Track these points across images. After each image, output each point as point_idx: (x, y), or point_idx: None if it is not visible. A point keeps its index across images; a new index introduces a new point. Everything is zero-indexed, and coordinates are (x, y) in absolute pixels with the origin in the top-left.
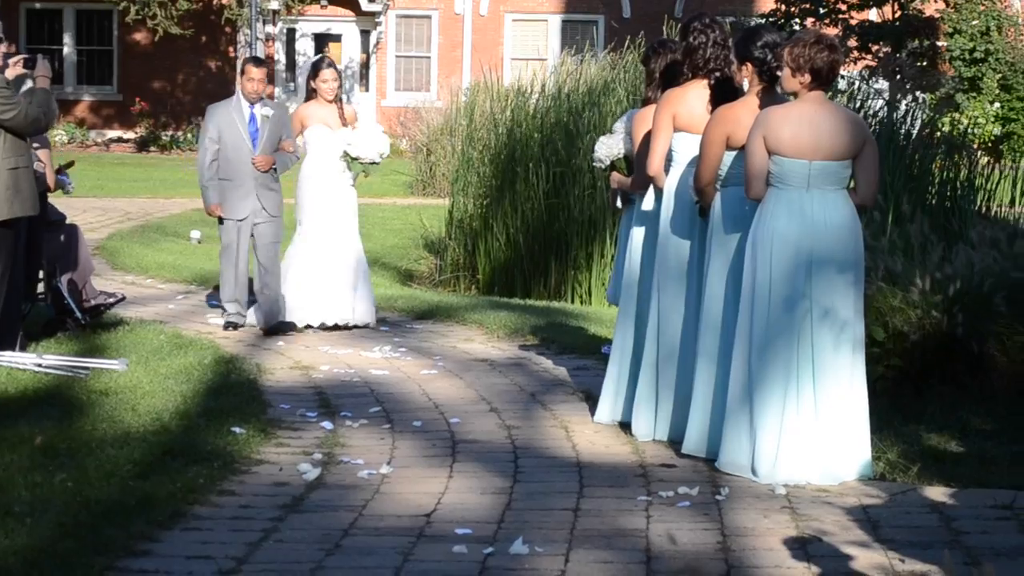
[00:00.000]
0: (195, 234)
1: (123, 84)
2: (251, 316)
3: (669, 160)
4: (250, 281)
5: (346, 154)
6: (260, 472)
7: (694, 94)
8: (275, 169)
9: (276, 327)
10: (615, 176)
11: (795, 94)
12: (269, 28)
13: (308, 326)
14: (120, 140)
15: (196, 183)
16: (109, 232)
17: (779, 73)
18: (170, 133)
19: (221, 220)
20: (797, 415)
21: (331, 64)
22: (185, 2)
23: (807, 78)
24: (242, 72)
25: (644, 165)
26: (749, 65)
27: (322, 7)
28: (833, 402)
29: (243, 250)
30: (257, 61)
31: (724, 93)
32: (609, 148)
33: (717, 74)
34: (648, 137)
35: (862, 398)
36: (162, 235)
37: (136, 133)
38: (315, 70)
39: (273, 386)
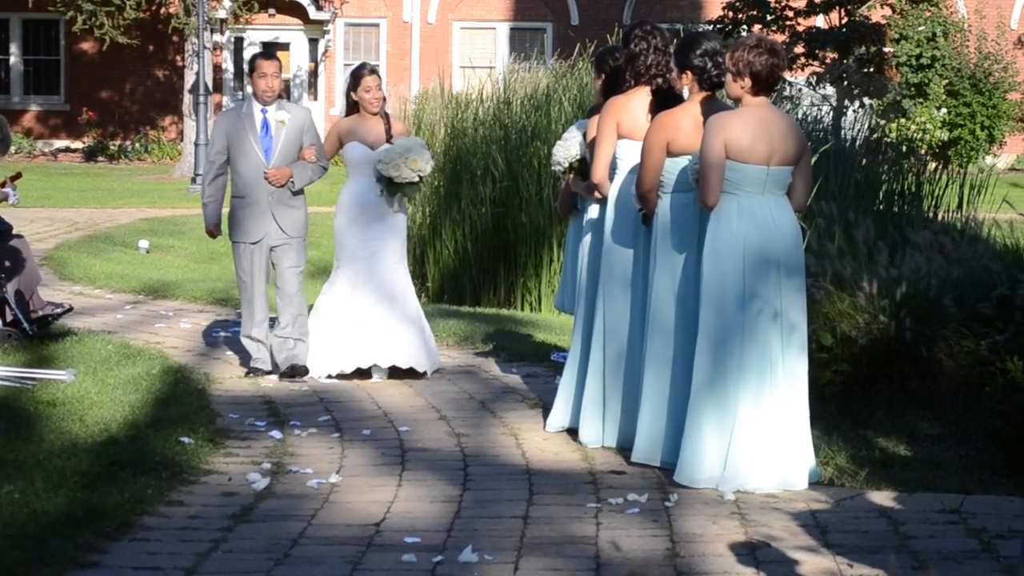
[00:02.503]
0: (143, 243)
1: (70, 94)
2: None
3: (613, 168)
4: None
5: (378, 174)
6: (209, 482)
7: (637, 101)
8: (293, 183)
9: (292, 370)
10: (575, 180)
11: (739, 100)
12: (217, 37)
13: (357, 371)
14: (68, 150)
15: (144, 192)
16: (57, 242)
17: (718, 80)
18: (118, 143)
19: (235, 244)
20: (774, 421)
21: (374, 70)
22: (132, 11)
23: (747, 82)
24: (252, 69)
25: None
26: (689, 72)
27: (270, 16)
28: (796, 407)
29: (259, 279)
30: (268, 54)
31: (664, 101)
32: (567, 151)
33: (659, 80)
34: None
35: (806, 402)
36: (110, 245)
37: (84, 143)
38: (355, 79)
39: (222, 396)
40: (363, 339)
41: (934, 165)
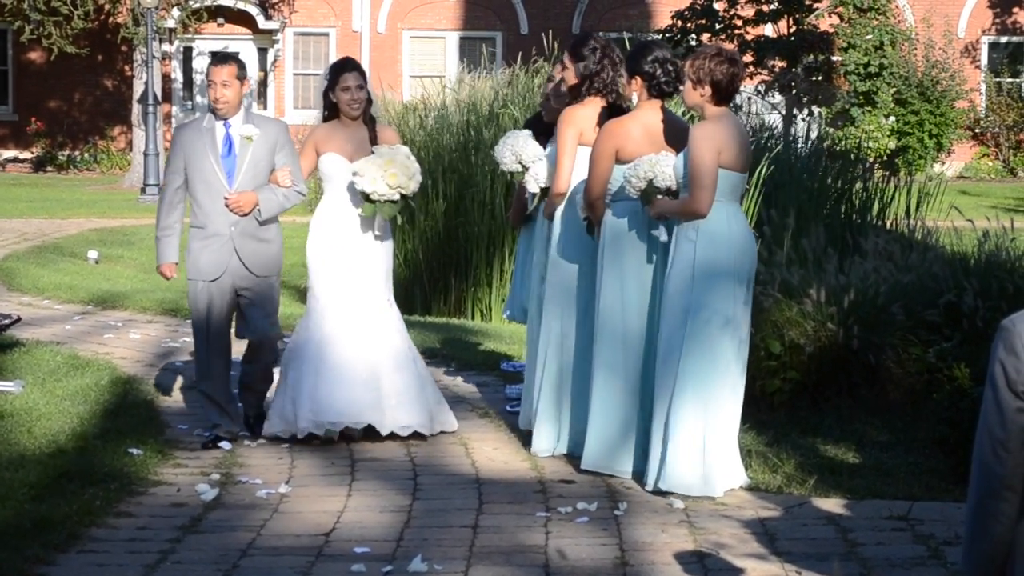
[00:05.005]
0: (92, 254)
1: (18, 104)
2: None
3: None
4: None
5: (352, 187)
6: (157, 493)
7: (593, 112)
8: (259, 211)
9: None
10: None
11: (700, 109)
12: (166, 47)
13: (340, 435)
14: (16, 160)
15: (93, 202)
16: (5, 253)
17: (667, 88)
18: (67, 153)
19: (190, 281)
20: (729, 427)
21: (356, 67)
22: (80, 21)
23: (707, 91)
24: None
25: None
26: (639, 79)
27: (219, 25)
28: (737, 411)
29: (219, 324)
30: (218, 59)
31: (612, 111)
32: (523, 147)
33: (613, 96)
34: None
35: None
36: (59, 255)
37: (32, 153)
38: (334, 76)
39: (171, 406)
40: (348, 395)
41: (882, 173)
